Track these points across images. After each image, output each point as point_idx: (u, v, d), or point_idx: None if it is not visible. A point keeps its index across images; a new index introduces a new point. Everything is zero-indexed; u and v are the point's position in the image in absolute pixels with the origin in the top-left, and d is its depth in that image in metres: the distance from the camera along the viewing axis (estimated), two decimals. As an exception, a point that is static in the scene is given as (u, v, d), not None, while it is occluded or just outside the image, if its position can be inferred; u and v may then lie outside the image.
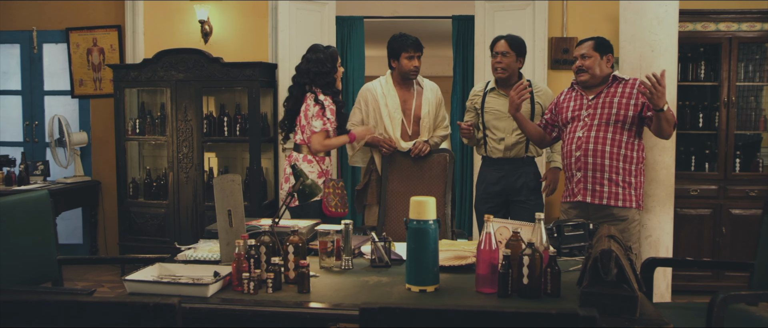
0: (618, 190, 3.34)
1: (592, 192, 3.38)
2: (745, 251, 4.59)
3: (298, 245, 2.35)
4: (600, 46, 3.41)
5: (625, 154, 3.33)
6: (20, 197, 3.13)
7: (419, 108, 4.07)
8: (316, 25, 5.39)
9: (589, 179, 3.38)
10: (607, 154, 3.33)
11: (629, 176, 3.34)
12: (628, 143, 3.34)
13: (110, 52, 5.64)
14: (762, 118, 4.84)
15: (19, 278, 2.98)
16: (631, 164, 3.34)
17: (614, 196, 3.35)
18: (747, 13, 4.68)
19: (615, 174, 3.33)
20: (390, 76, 4.09)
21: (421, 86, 4.13)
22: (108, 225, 5.73)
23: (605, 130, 3.34)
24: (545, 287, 2.19)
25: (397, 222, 3.88)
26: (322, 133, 3.77)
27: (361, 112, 4.11)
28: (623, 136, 3.33)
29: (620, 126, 3.33)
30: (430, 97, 4.10)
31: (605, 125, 3.35)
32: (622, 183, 3.34)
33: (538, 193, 3.98)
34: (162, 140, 5.24)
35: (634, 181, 3.36)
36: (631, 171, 3.34)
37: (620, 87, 3.39)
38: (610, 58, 3.42)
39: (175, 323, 1.56)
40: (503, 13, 5.19)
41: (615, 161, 3.33)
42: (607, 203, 3.35)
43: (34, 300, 1.60)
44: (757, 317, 2.80)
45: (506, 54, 3.83)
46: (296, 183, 2.85)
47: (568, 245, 2.73)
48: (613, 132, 3.33)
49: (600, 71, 3.40)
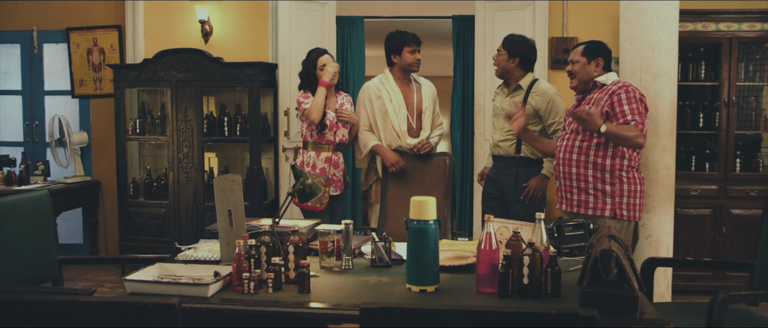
0: (588, 198, 3.33)
1: (567, 200, 3.43)
2: (746, 251, 4.59)
3: (298, 245, 2.35)
4: (588, 50, 3.41)
5: (595, 162, 3.29)
6: (20, 197, 3.13)
7: (420, 103, 4.14)
8: (317, 25, 5.39)
9: (564, 187, 3.43)
10: (573, 163, 3.35)
11: (602, 184, 3.29)
12: (597, 151, 3.28)
13: (110, 52, 5.64)
14: (762, 118, 4.84)
15: (20, 278, 2.98)
16: (603, 172, 3.28)
17: (584, 204, 3.35)
18: (747, 13, 4.68)
19: (583, 182, 3.33)
20: (390, 73, 4.11)
21: (418, 82, 4.21)
22: (108, 225, 5.73)
23: (574, 138, 3.36)
24: (545, 287, 2.19)
25: (396, 224, 3.88)
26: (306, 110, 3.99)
27: (367, 111, 4.12)
28: (591, 144, 3.29)
29: (588, 134, 3.30)
30: (428, 92, 4.19)
31: (575, 134, 3.36)
32: (592, 191, 3.32)
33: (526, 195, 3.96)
34: (162, 140, 5.24)
35: (610, 189, 3.28)
36: (605, 179, 3.29)
37: (597, 93, 3.36)
38: (601, 62, 3.39)
39: (176, 323, 1.56)
40: (503, 13, 5.19)
41: (582, 169, 3.32)
42: (578, 211, 3.36)
43: (34, 300, 1.61)
44: (758, 317, 2.80)
45: (499, 52, 3.91)
46: (296, 183, 2.85)
47: (568, 245, 2.73)
48: (582, 140, 3.32)
49: (587, 76, 3.40)
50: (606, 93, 3.29)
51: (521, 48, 3.87)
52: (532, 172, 3.92)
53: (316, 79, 4.04)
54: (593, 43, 3.46)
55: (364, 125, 4.13)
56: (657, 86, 3.70)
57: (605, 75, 3.39)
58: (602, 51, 3.43)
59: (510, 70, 3.89)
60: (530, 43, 3.92)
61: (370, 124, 4.12)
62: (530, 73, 3.93)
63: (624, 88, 3.23)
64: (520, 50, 3.87)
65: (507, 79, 3.94)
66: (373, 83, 4.15)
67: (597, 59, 3.39)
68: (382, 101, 4.05)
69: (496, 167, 4.03)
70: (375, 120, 4.09)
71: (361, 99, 4.16)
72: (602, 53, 3.42)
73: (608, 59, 3.44)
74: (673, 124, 3.78)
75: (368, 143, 4.07)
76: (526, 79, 3.89)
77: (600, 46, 3.45)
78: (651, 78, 3.70)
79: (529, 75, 3.91)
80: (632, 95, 3.21)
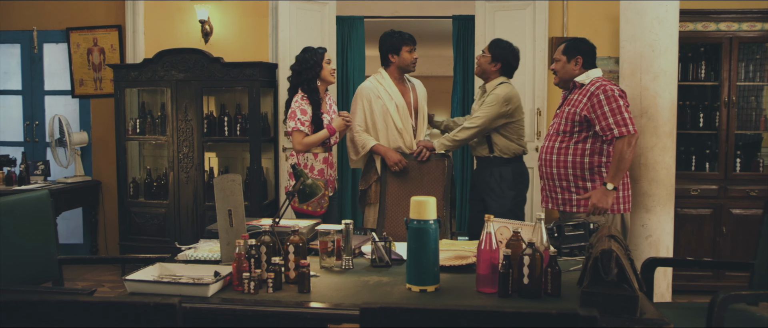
0: (571, 196, 3.41)
1: (551, 198, 3.51)
2: (746, 250, 4.59)
3: (298, 245, 2.35)
4: (567, 49, 3.46)
5: (574, 161, 3.36)
6: (21, 196, 3.13)
7: (417, 102, 4.17)
8: (317, 24, 5.39)
9: (547, 186, 3.52)
10: (553, 163, 3.43)
11: (583, 181, 3.37)
12: (576, 150, 3.36)
13: (110, 52, 5.64)
14: (762, 118, 4.83)
15: (20, 277, 2.98)
16: (583, 170, 3.36)
17: (568, 202, 3.43)
18: (747, 13, 4.68)
19: (564, 181, 3.41)
20: (386, 73, 4.10)
21: (411, 83, 4.24)
22: (108, 225, 5.73)
23: (555, 139, 3.44)
24: (546, 287, 2.19)
25: (395, 225, 3.88)
26: (297, 133, 3.90)
27: (365, 112, 4.10)
28: (570, 143, 3.37)
29: (568, 135, 3.38)
30: (422, 93, 4.25)
31: (555, 135, 3.45)
32: (574, 189, 3.40)
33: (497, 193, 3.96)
34: (162, 140, 5.24)
35: (591, 185, 3.36)
36: (585, 176, 3.37)
37: (576, 94, 3.40)
38: (579, 60, 3.43)
39: (176, 322, 1.56)
40: (503, 13, 5.19)
41: (562, 169, 3.40)
42: (563, 209, 3.44)
43: (34, 300, 1.60)
44: (758, 316, 2.80)
45: (484, 53, 4.01)
46: (296, 183, 2.85)
47: (568, 245, 2.74)
48: (561, 141, 3.40)
49: (567, 75, 3.46)
50: (584, 94, 3.34)
51: (505, 54, 3.96)
52: (506, 171, 3.97)
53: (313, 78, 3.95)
54: (573, 41, 3.50)
55: (359, 126, 4.09)
56: (657, 86, 3.70)
57: (585, 74, 3.43)
58: (582, 48, 3.45)
59: (489, 72, 4.00)
60: (515, 51, 4.01)
61: (366, 125, 4.09)
62: (503, 78, 4.00)
63: (601, 89, 3.28)
64: (504, 56, 3.96)
65: (484, 79, 4.06)
66: (370, 84, 4.11)
67: (576, 57, 3.43)
68: (383, 102, 4.04)
69: (478, 166, 4.16)
70: (374, 121, 4.06)
71: (358, 99, 4.11)
72: (582, 51, 3.44)
73: (589, 57, 3.46)
74: (674, 124, 3.78)
75: (367, 144, 4.05)
76: (494, 83, 3.97)
77: (581, 43, 3.48)
78: (651, 78, 3.70)
79: (499, 79, 3.98)
80: (610, 94, 3.26)
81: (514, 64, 4.01)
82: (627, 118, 3.24)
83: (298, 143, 3.92)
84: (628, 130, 3.23)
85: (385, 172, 4.04)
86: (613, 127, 3.24)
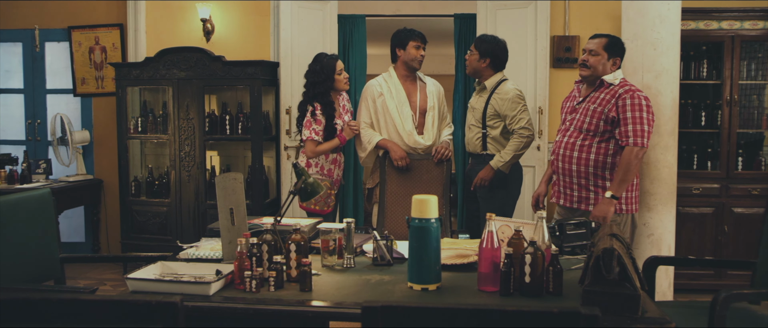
0: (589, 194, 3.37)
1: (565, 195, 3.46)
2: (748, 249, 4.59)
3: (300, 244, 2.35)
4: (611, 46, 3.35)
5: (596, 160, 3.32)
6: (22, 195, 3.13)
7: (424, 101, 4.15)
8: (318, 23, 5.38)
9: (562, 182, 3.46)
10: (574, 160, 3.37)
11: (602, 180, 3.34)
12: (599, 149, 3.32)
13: (112, 51, 5.64)
14: (764, 117, 4.83)
15: (22, 276, 2.98)
16: (604, 169, 3.32)
17: (585, 200, 3.38)
18: (750, 11, 4.67)
19: (584, 179, 3.36)
20: (393, 71, 4.12)
21: (423, 81, 4.21)
22: (110, 223, 5.73)
23: (576, 136, 3.38)
24: (547, 286, 2.19)
25: (395, 224, 3.89)
26: (311, 142, 4.06)
27: (369, 110, 4.12)
28: (594, 142, 3.32)
29: (591, 134, 3.33)
30: (434, 91, 4.20)
31: (577, 132, 3.38)
32: (592, 188, 3.36)
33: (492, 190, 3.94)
34: (164, 139, 5.24)
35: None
36: (605, 176, 3.33)
37: (603, 93, 3.34)
38: (618, 62, 3.37)
39: (178, 321, 1.56)
40: (505, 11, 5.19)
41: (582, 167, 3.35)
42: (579, 207, 3.39)
43: (36, 299, 1.61)
44: (760, 315, 2.80)
45: (471, 52, 3.99)
46: (298, 182, 2.85)
47: (570, 244, 2.73)
48: (584, 138, 3.35)
49: (602, 72, 3.36)
50: (612, 95, 3.29)
51: (492, 48, 3.93)
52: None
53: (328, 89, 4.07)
54: (617, 40, 3.41)
55: (365, 122, 4.13)
56: (659, 85, 3.70)
57: (613, 73, 3.37)
58: (623, 50, 3.41)
59: (480, 69, 3.97)
60: (501, 44, 3.97)
61: (371, 121, 4.12)
62: (500, 73, 3.98)
63: (630, 94, 3.24)
64: (491, 50, 3.93)
65: (478, 78, 4.04)
66: (376, 81, 4.16)
67: (615, 58, 3.37)
68: (384, 99, 4.06)
69: (471, 163, 4.13)
70: (376, 118, 4.10)
71: (364, 96, 4.18)
72: (621, 53, 3.40)
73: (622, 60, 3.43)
74: (675, 122, 3.78)
75: (372, 139, 4.08)
76: (493, 80, 3.95)
77: (622, 44, 3.41)
78: (653, 76, 3.69)
79: (497, 75, 3.96)
80: (637, 102, 3.22)
81: (502, 57, 3.96)
82: (646, 131, 3.21)
83: (310, 151, 4.08)
84: (643, 143, 3.20)
85: (385, 169, 4.05)
86: (630, 135, 3.20)
